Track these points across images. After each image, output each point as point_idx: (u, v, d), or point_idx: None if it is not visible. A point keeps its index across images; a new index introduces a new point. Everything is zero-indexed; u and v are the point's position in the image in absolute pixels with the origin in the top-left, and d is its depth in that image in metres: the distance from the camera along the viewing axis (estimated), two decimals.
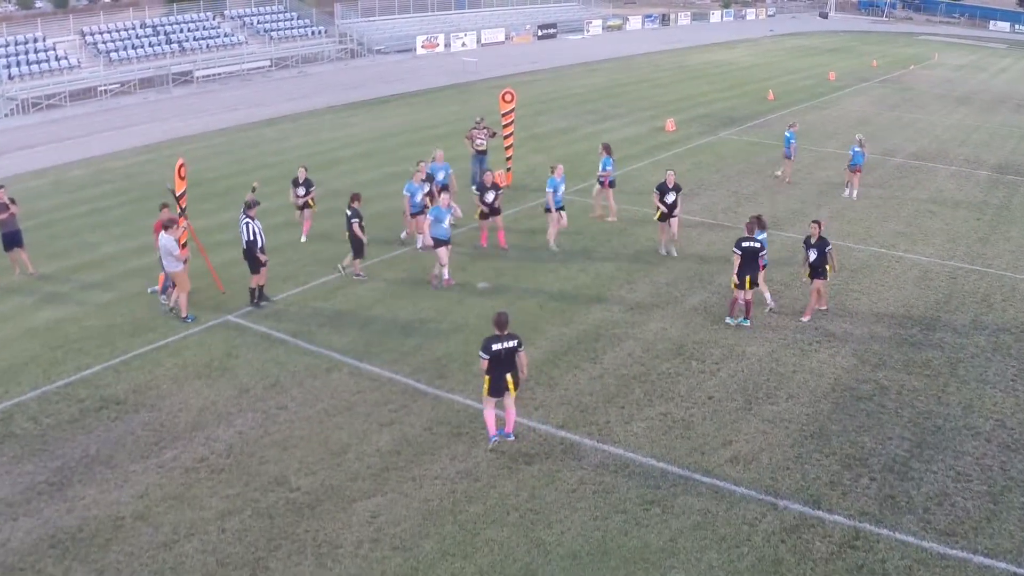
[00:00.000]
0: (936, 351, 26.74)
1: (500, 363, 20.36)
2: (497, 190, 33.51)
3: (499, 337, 20.28)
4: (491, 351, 20.23)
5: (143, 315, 28.37)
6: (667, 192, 32.66)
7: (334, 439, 21.42)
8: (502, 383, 20.49)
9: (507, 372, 20.46)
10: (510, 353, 20.38)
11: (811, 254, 27.67)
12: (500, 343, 20.26)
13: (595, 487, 19.73)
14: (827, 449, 21.30)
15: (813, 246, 27.61)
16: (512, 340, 20.38)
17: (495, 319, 20.55)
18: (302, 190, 34.38)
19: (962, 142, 57.74)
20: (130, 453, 20.99)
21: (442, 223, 29.81)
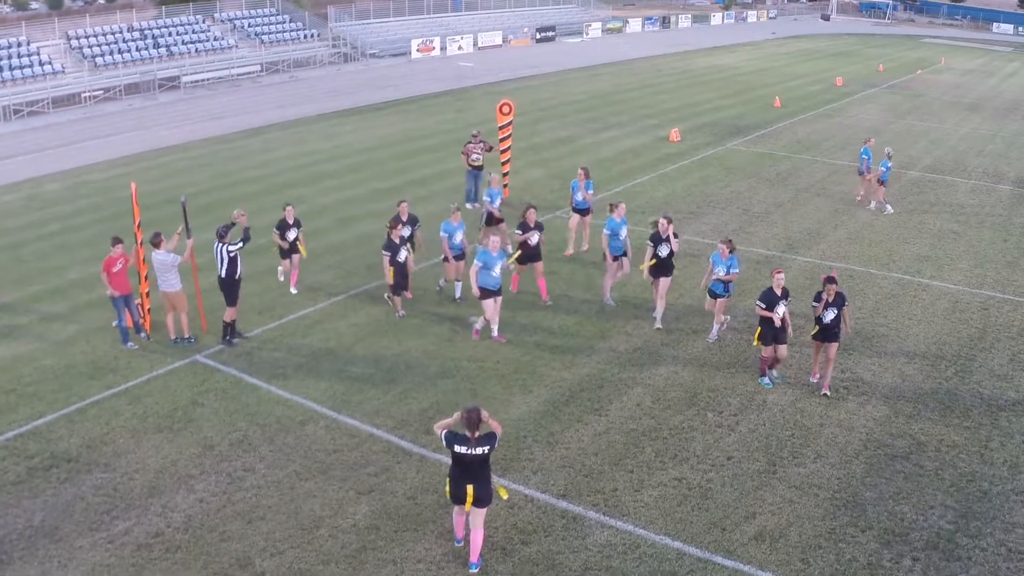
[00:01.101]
0: (975, 398, 24.33)
1: (463, 468, 16.52)
2: (541, 230, 28.90)
3: (466, 439, 16.32)
4: (451, 445, 16.49)
5: (104, 353, 26.03)
6: (660, 243, 27.26)
7: (305, 511, 18.95)
8: (461, 492, 16.64)
9: (470, 482, 16.47)
10: (479, 462, 16.45)
11: (827, 315, 23.57)
12: (466, 446, 16.32)
13: (601, 573, 17.27)
14: (863, 522, 18.87)
15: (831, 305, 23.54)
16: (483, 446, 16.34)
17: (464, 415, 16.27)
18: (293, 233, 29.36)
19: (979, 152, 55.50)
20: (78, 524, 18.61)
21: (491, 270, 25.87)
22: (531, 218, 28.37)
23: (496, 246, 26.00)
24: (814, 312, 23.73)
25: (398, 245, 27.40)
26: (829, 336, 23.73)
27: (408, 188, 42.85)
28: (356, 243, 34.86)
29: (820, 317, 23.59)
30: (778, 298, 23.69)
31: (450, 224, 29.00)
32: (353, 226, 37.04)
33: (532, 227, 28.39)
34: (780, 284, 23.84)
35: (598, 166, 47.29)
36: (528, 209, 28.61)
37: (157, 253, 25.65)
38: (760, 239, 35.82)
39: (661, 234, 27.32)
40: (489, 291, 25.99)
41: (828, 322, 23.55)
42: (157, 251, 25.64)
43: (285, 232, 29.07)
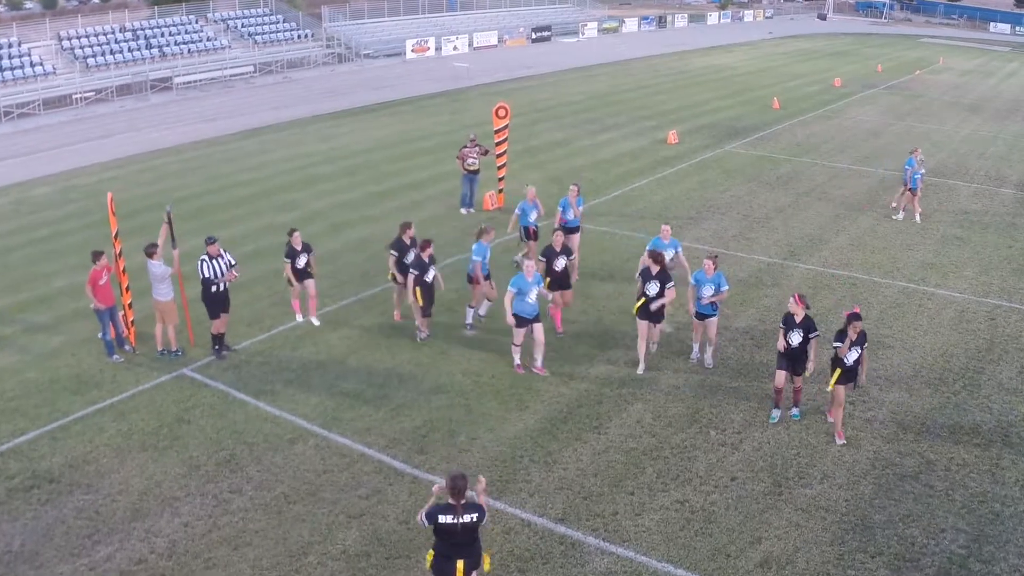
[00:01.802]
0: (984, 413, 23.64)
1: (450, 540, 14.63)
2: (569, 255, 26.73)
3: (451, 508, 14.44)
4: (435, 521, 14.56)
5: (89, 366, 25.35)
6: (649, 280, 24.29)
7: (293, 536, 18.25)
8: (450, 568, 14.64)
9: (461, 556, 14.60)
10: (468, 530, 14.57)
11: (851, 355, 21.25)
12: (452, 515, 14.43)
13: None
14: (872, 547, 18.18)
15: (853, 344, 21.22)
16: (472, 513, 14.48)
17: (449, 483, 14.46)
18: (304, 258, 26.95)
19: (980, 155, 54.82)
20: (59, 549, 17.92)
21: (527, 297, 24.03)
22: (557, 242, 26.30)
23: (531, 271, 24.23)
24: (837, 353, 21.29)
25: (427, 264, 25.87)
26: (850, 379, 21.61)
27: (403, 192, 42.34)
28: (350, 250, 34.20)
29: (843, 359, 21.24)
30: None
31: (482, 245, 27.06)
32: (347, 232, 36.37)
33: (559, 252, 26.25)
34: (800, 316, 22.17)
35: (595, 169, 46.84)
36: (555, 232, 26.86)
37: (152, 264, 25.04)
38: (761, 246, 35.14)
39: (651, 270, 24.45)
40: (525, 319, 24.21)
41: (851, 364, 21.32)
42: (151, 261, 25.03)
43: (295, 259, 26.71)
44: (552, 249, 26.21)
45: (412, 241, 26.80)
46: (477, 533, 14.68)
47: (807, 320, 21.92)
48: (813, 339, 21.85)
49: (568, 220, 30.99)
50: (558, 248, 26.19)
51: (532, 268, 24.26)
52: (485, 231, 27.20)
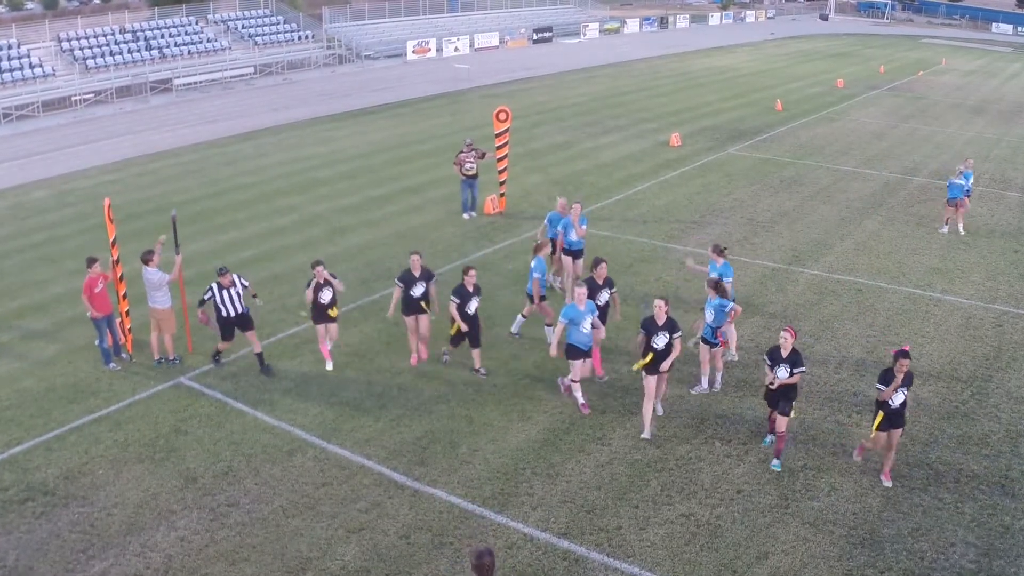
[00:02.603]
0: (993, 423, 23.31)
1: None
2: (612, 287, 24.35)
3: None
4: None
5: (86, 374, 25.04)
6: (656, 332, 21.45)
7: (291, 551, 17.91)
8: None
9: None
10: None
11: (897, 397, 19.66)
12: None
13: None
14: (881, 562, 17.86)
15: (900, 385, 19.56)
16: None
17: (475, 563, 12.55)
18: (328, 293, 24.53)
19: (985, 158, 54.40)
20: (53, 564, 17.58)
21: (579, 326, 22.40)
22: (600, 274, 24.01)
23: (583, 298, 22.52)
24: (879, 396, 19.66)
25: (470, 293, 24.25)
26: (896, 423, 19.95)
27: (403, 196, 42.06)
28: (348, 256, 33.86)
29: (888, 402, 19.65)
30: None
31: (541, 261, 26.12)
32: (346, 237, 36.07)
33: (601, 285, 24.00)
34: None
35: (597, 172, 46.54)
36: (598, 265, 24.20)
37: (147, 271, 24.73)
38: (765, 250, 34.81)
39: (658, 320, 21.82)
40: (579, 351, 22.58)
41: (897, 406, 19.73)
42: (147, 268, 24.72)
43: (319, 293, 24.44)
44: (595, 281, 23.91)
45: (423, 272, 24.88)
46: None
47: (794, 354, 20.33)
48: (798, 374, 20.27)
49: (571, 241, 29.23)
50: (601, 280, 24.01)
51: (583, 295, 22.57)
52: (541, 246, 26.41)
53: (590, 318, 22.42)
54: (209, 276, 26.98)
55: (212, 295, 24.29)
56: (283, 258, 33.12)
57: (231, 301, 24.31)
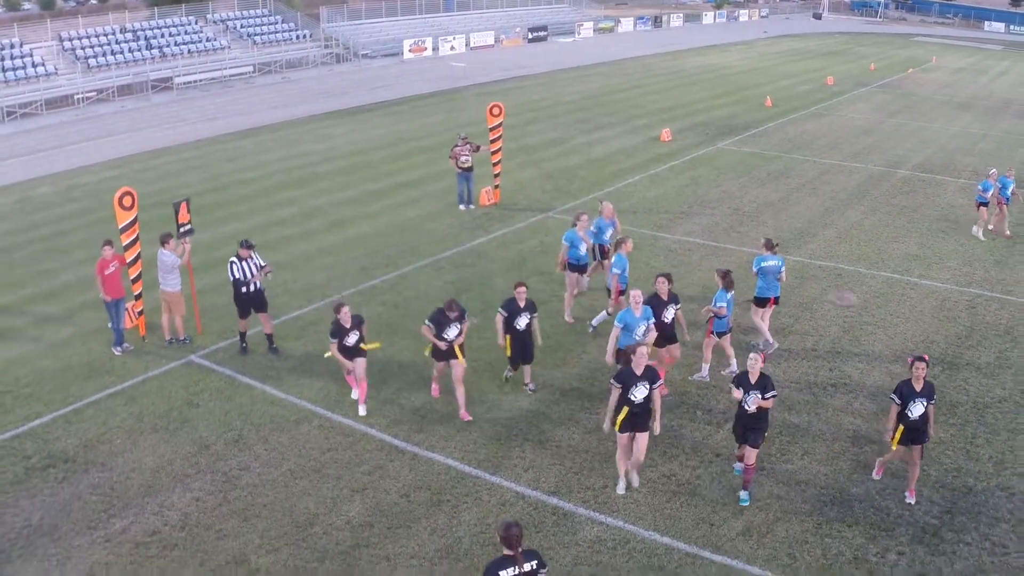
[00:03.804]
0: (961, 395, 24.63)
1: None
2: (677, 303, 23.35)
3: (511, 559, 13.12)
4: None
5: (100, 354, 26.27)
6: (636, 382, 18.98)
7: (300, 508, 19.21)
8: None
9: None
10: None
11: (914, 408, 18.96)
12: (513, 568, 13.06)
13: (591, 567, 17.61)
14: (849, 517, 19.14)
15: (919, 395, 18.96)
16: (531, 560, 13.26)
17: (502, 533, 13.18)
18: (354, 336, 22.60)
19: (968, 151, 55.78)
20: (76, 523, 18.82)
21: (634, 332, 22.12)
22: (663, 289, 23.04)
23: (639, 304, 22.17)
24: (893, 410, 19.33)
25: (519, 308, 23.12)
26: (917, 438, 19.28)
27: (400, 190, 43.23)
28: (349, 246, 35.08)
29: (906, 413, 19.05)
30: (750, 386, 19.04)
31: (622, 259, 26.26)
32: (346, 229, 37.27)
33: (667, 301, 23.09)
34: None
35: (589, 167, 47.75)
36: (659, 279, 23.24)
37: (163, 252, 25.94)
38: (750, 239, 36.01)
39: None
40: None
41: (916, 418, 19.04)
42: (163, 250, 25.93)
43: (344, 338, 22.51)
44: (659, 298, 23.05)
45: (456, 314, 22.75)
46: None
47: (763, 379, 19.15)
48: (770, 399, 19.13)
49: (580, 256, 28.22)
50: (665, 296, 23.06)
51: (639, 300, 22.23)
52: (623, 242, 26.37)
53: (644, 325, 22.14)
54: (212, 264, 28.69)
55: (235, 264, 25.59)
56: (285, 247, 34.28)
57: (250, 271, 25.61)
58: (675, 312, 23.09)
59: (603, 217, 29.25)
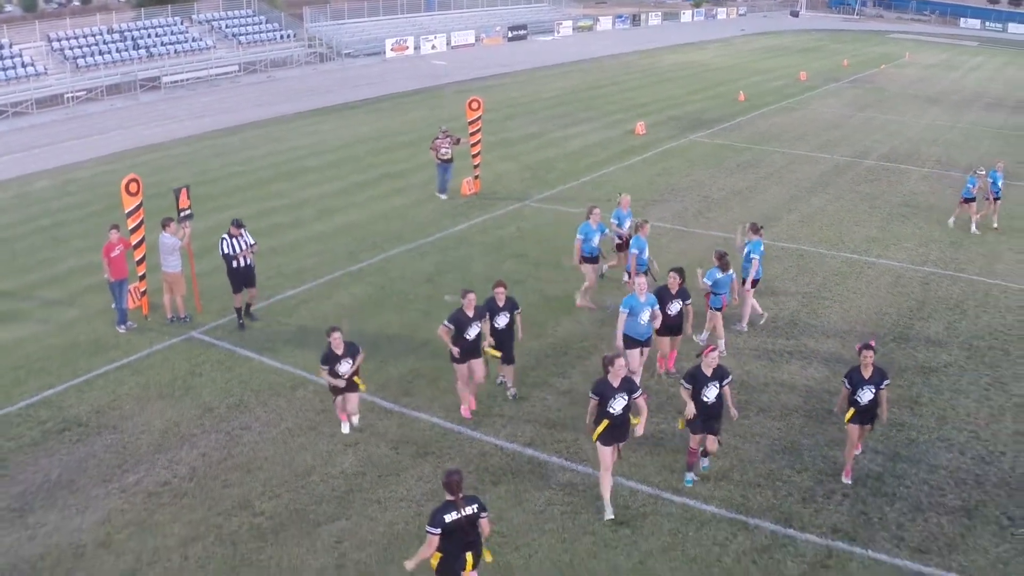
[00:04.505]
0: (909, 360, 26.58)
1: (456, 538, 14.90)
2: (686, 299, 23.95)
3: (452, 504, 14.78)
4: (444, 524, 14.73)
5: (105, 332, 27.96)
6: (614, 394, 18.62)
7: (298, 461, 21.05)
8: (460, 565, 15.02)
9: (467, 550, 15.01)
10: (471, 521, 14.94)
11: (863, 394, 19.81)
12: (455, 511, 14.75)
13: (563, 508, 19.46)
14: (799, 464, 21.05)
15: (868, 382, 19.83)
16: (472, 504, 14.90)
17: (445, 480, 14.89)
18: (346, 364, 21.44)
19: (933, 142, 57.81)
20: (92, 477, 20.57)
21: (639, 317, 22.90)
22: (673, 284, 23.67)
23: (644, 289, 23.03)
24: (843, 393, 20.24)
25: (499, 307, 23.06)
26: (867, 419, 20.18)
27: (385, 181, 45.00)
28: (337, 233, 36.85)
29: (856, 399, 19.90)
30: (707, 378, 19.55)
31: (640, 239, 27.48)
32: (335, 217, 39.02)
33: (674, 295, 23.78)
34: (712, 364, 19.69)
35: (566, 159, 49.61)
36: (670, 273, 23.87)
37: (164, 235, 27.71)
38: (717, 223, 37.91)
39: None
40: (636, 340, 23.06)
41: (866, 403, 19.89)
42: (164, 233, 27.71)
43: (335, 365, 21.39)
44: (667, 291, 23.75)
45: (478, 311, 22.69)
46: (479, 523, 14.98)
47: (720, 369, 19.76)
48: (726, 386, 19.78)
49: (593, 249, 29.29)
50: (674, 291, 23.71)
51: (644, 286, 23.12)
52: (642, 225, 27.75)
53: (649, 310, 22.80)
54: (206, 250, 31.20)
55: (225, 241, 27.44)
56: (277, 235, 35.93)
57: (240, 248, 27.49)
58: (683, 306, 23.67)
59: (621, 208, 30.52)
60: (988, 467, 21.46)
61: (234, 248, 27.52)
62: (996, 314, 30.28)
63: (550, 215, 39.09)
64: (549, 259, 33.39)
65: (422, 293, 30.39)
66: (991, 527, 19.23)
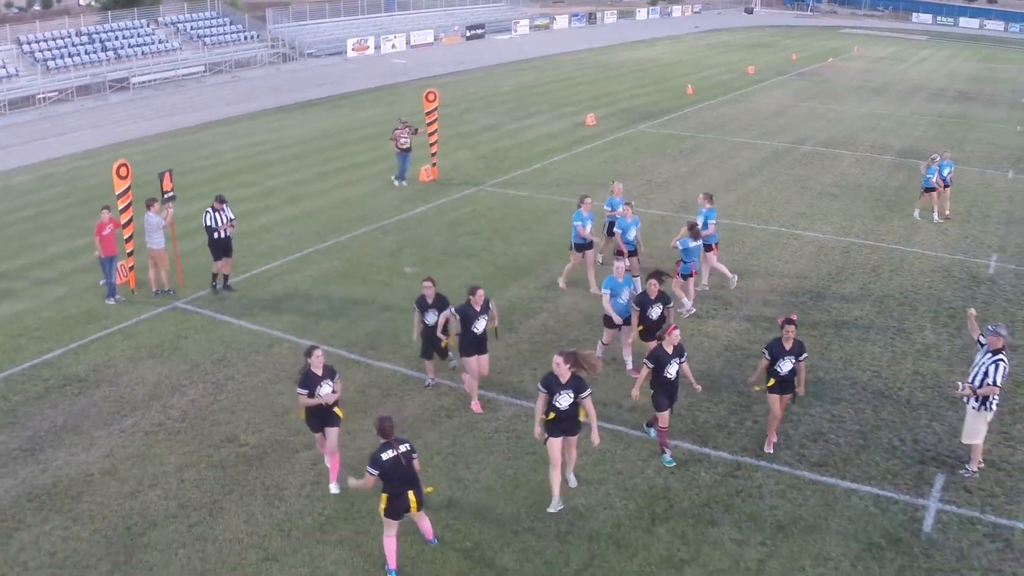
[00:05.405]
0: (824, 315, 29.62)
1: (396, 475, 16.80)
2: (666, 304, 24.02)
3: (388, 444, 16.73)
4: (381, 463, 16.66)
5: (96, 305, 30.49)
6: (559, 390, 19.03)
7: (277, 403, 23.92)
8: (403, 502, 17.03)
9: (408, 488, 16.99)
10: (407, 459, 16.80)
11: (783, 364, 21.07)
12: (391, 450, 16.69)
13: (508, 434, 22.37)
14: (717, 399, 24.00)
15: (788, 353, 21.07)
16: (404, 444, 16.84)
17: (377, 425, 16.84)
18: (327, 386, 19.88)
19: (871, 129, 61.24)
20: (94, 422, 23.22)
21: (619, 297, 24.57)
22: (653, 290, 23.82)
23: (621, 271, 24.75)
24: (762, 363, 21.53)
25: (428, 304, 23.79)
26: (786, 389, 21.50)
27: (347, 171, 47.81)
28: (305, 217, 39.62)
29: (776, 369, 21.16)
30: (669, 356, 20.86)
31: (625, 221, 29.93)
32: (301, 203, 41.75)
33: (654, 300, 23.89)
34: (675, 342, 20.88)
35: (519, 148, 52.64)
36: (650, 280, 24.04)
37: (148, 215, 30.34)
38: (658, 204, 40.90)
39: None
40: (613, 320, 24.75)
41: (785, 373, 21.21)
42: (149, 212, 30.35)
43: (314, 388, 19.84)
44: (647, 296, 24.03)
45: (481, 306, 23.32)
46: (412, 461, 16.93)
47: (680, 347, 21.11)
48: (684, 362, 21.26)
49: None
50: (653, 296, 23.90)
51: (622, 269, 24.86)
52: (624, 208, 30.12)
53: (627, 291, 24.52)
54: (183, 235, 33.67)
55: (210, 216, 30.31)
56: (248, 220, 38.09)
57: (222, 221, 30.37)
58: (663, 310, 23.74)
59: (614, 196, 32.15)
60: (885, 399, 24.50)
61: (216, 221, 30.33)
62: (909, 276, 33.31)
63: (503, 198, 42.18)
64: (500, 236, 36.65)
65: (384, 266, 33.35)
66: (883, 446, 22.23)
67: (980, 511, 20.04)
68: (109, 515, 19.48)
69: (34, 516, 19.47)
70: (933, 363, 26.77)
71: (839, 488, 20.59)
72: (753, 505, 20.07)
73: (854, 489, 20.59)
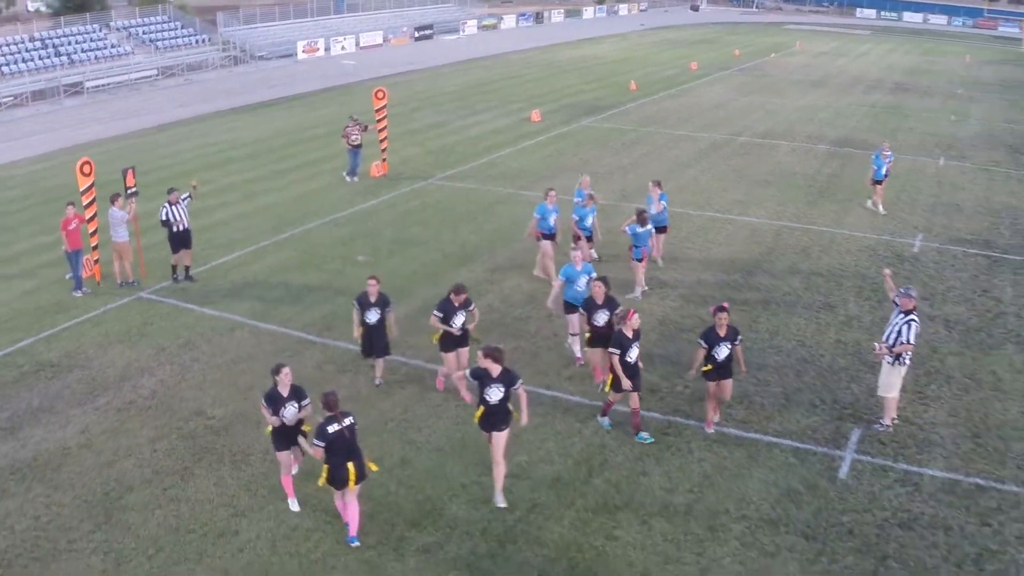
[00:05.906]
0: (753, 291, 31.63)
1: (339, 447, 17.90)
2: (613, 309, 23.55)
3: (333, 418, 17.85)
4: (327, 435, 17.79)
5: (64, 297, 31.87)
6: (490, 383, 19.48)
7: (241, 380, 25.54)
8: (343, 473, 17.96)
9: (349, 460, 17.98)
10: (350, 430, 17.99)
11: (719, 351, 22.03)
12: (336, 424, 17.84)
13: (457, 403, 24.08)
14: (650, 368, 25.59)
15: (723, 339, 22.03)
16: (348, 417, 18.03)
17: (324, 400, 17.91)
18: (292, 408, 19.26)
19: (808, 121, 63.46)
20: (68, 402, 24.72)
21: (575, 284, 25.34)
22: (599, 294, 23.56)
23: (579, 260, 25.49)
24: (699, 352, 22.32)
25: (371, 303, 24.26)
26: (724, 374, 22.46)
27: (301, 169, 49.49)
28: (261, 211, 41.22)
29: (713, 356, 22.08)
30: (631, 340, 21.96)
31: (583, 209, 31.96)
32: (257, 199, 43.32)
33: (600, 304, 23.57)
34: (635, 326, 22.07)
35: (466, 144, 54.52)
36: (595, 283, 23.89)
37: (113, 210, 31.85)
38: (601, 193, 41.93)
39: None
40: (574, 306, 25.03)
41: (722, 359, 22.17)
42: (113, 207, 31.86)
43: (279, 408, 19.25)
44: (593, 302, 23.77)
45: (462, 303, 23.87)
46: (356, 437, 18.24)
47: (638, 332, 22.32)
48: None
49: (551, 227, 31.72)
50: (600, 301, 23.62)
51: (579, 258, 25.55)
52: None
53: (585, 278, 25.15)
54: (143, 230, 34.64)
55: (166, 211, 31.88)
56: (206, 215, 39.41)
57: (180, 215, 32.01)
58: (611, 316, 23.22)
59: (582, 188, 33.29)
60: (808, 365, 26.53)
61: (172, 215, 31.98)
62: (836, 256, 35.37)
63: (450, 191, 44.06)
64: (448, 226, 38.48)
65: (338, 255, 35.03)
66: (804, 406, 24.26)
67: (893, 460, 22.06)
68: (88, 483, 21.04)
69: (17, 486, 20.96)
70: (855, 332, 28.78)
71: (762, 443, 22.55)
72: (682, 458, 21.99)
73: (776, 443, 22.56)
